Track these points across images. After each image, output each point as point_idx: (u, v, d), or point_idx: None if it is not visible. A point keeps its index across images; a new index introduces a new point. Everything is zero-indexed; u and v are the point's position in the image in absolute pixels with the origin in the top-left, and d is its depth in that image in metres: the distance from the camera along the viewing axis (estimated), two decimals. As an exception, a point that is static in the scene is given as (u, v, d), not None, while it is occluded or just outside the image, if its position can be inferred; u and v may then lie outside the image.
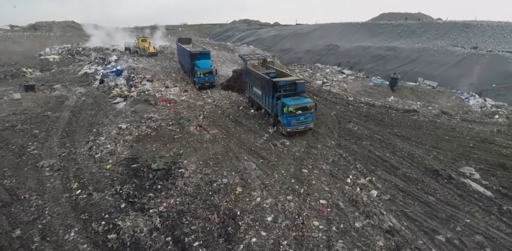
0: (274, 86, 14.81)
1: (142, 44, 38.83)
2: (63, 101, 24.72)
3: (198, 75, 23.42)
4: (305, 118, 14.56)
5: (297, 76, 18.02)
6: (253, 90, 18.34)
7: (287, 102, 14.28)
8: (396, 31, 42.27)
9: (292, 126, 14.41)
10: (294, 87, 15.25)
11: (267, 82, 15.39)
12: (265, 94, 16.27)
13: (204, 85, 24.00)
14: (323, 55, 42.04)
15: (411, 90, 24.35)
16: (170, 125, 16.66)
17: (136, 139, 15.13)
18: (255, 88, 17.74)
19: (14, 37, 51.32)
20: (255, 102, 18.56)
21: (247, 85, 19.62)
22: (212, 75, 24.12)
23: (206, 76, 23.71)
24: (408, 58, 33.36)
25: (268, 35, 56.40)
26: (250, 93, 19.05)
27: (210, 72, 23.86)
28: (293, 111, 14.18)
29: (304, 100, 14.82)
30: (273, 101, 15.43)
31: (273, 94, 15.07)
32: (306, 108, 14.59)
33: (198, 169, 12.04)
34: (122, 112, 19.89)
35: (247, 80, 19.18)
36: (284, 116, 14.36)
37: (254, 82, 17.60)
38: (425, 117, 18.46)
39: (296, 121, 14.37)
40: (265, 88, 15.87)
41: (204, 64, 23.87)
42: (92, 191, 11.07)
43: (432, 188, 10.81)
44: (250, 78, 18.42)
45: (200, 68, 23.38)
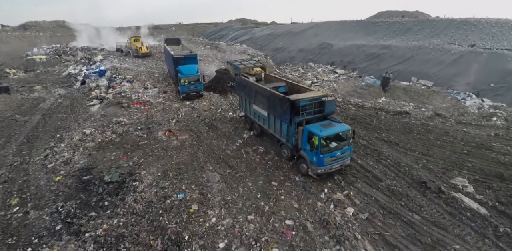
0: (293, 108, 10.28)
1: (134, 44, 36.43)
2: (38, 103, 23.33)
3: (182, 83, 19.24)
4: (342, 153, 10.19)
5: (320, 92, 11.99)
6: (252, 109, 13.78)
7: (316, 131, 9.80)
8: (391, 29, 40.71)
9: (325, 166, 10.04)
10: (321, 107, 10.72)
11: (280, 101, 10.84)
12: (275, 117, 11.91)
13: (189, 95, 19.81)
14: (316, 54, 40.55)
15: (404, 90, 22.82)
16: (138, 130, 15.22)
17: (98, 146, 13.70)
18: (256, 107, 13.17)
19: (2, 37, 50.05)
20: (256, 125, 14.05)
21: (241, 100, 15.12)
22: (198, 83, 19.84)
23: (192, 84, 19.57)
24: (403, 56, 31.86)
25: (262, 34, 54.90)
26: (248, 112, 14.40)
27: (196, 80, 19.67)
28: (326, 144, 9.93)
29: (339, 127, 10.39)
30: (290, 128, 10.94)
31: (290, 118, 10.52)
32: (343, 138, 10.40)
33: (155, 182, 10.60)
34: (94, 115, 18.48)
35: (242, 94, 14.69)
36: (312, 152, 9.94)
37: (255, 98, 13.02)
38: (417, 120, 16.94)
39: (330, 159, 9.99)
40: (276, 109, 11.39)
41: (189, 70, 19.74)
42: (30, 209, 9.64)
43: (418, 205, 9.32)
44: (247, 92, 13.81)
45: (184, 75, 19.28)
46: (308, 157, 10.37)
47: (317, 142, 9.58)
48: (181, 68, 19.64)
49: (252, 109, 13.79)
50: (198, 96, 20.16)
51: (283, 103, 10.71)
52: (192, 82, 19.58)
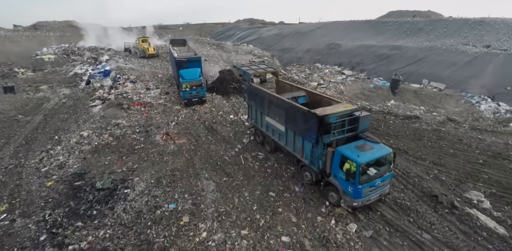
0: (322, 125, 8.47)
1: (142, 45, 36.11)
2: (42, 103, 23.26)
3: (184, 89, 17.96)
4: (382, 181, 8.46)
5: (350, 104, 10.36)
6: (264, 121, 12.05)
7: (353, 156, 7.98)
8: (402, 29, 39.38)
9: (363, 198, 8.26)
10: (354, 124, 8.83)
11: (304, 117, 9.13)
12: (295, 134, 10.15)
13: (191, 101, 18.48)
14: (324, 54, 39.58)
15: (414, 93, 21.76)
16: (136, 133, 14.77)
17: (93, 150, 13.29)
18: (271, 120, 11.46)
19: (13, 37, 50.79)
20: (269, 140, 12.34)
21: (250, 110, 13.43)
22: (201, 88, 18.42)
23: (194, 90, 18.19)
24: (414, 57, 30.64)
25: (269, 34, 54.14)
26: (259, 124, 12.66)
27: (198, 85, 18.26)
28: (365, 171, 7.97)
29: (379, 149, 8.47)
30: (316, 149, 9.09)
31: (317, 137, 8.70)
32: (383, 163, 8.54)
33: (147, 190, 10.07)
34: (94, 117, 18.17)
35: (252, 104, 12.97)
36: (349, 182, 8.14)
37: (269, 109, 11.31)
38: (428, 125, 15.97)
39: (369, 189, 8.23)
40: (298, 125, 9.74)
41: (191, 74, 18.38)
42: (17, 217, 9.24)
43: (428, 222, 8.50)
44: (259, 102, 12.08)
45: (186, 80, 17.96)
46: (340, 186, 8.56)
47: (355, 170, 7.79)
48: (182, 73, 18.36)
49: (265, 121, 11.96)
50: (200, 102, 18.78)
51: (308, 119, 8.87)
52: (195, 87, 18.19)
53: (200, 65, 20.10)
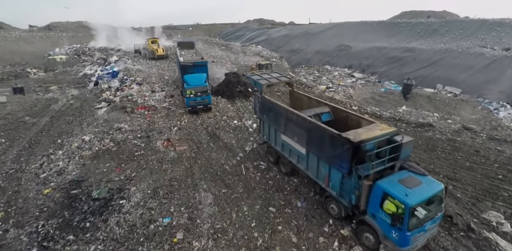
0: (356, 153, 7.08)
1: (152, 46, 35.99)
2: (50, 104, 23.37)
3: (188, 95, 16.96)
4: (432, 224, 7.03)
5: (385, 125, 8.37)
6: (279, 139, 10.65)
7: (400, 195, 6.47)
8: (415, 30, 37.96)
9: (411, 245, 6.79)
10: (395, 152, 7.27)
11: (333, 141, 7.66)
12: (321, 160, 8.59)
13: (196, 109, 17.45)
14: (334, 56, 38.58)
15: (428, 99, 20.71)
16: (137, 138, 14.47)
17: (93, 156, 13.03)
18: (288, 139, 10.04)
19: (28, 37, 51.83)
20: (286, 161, 10.82)
21: (262, 124, 11.95)
22: (206, 95, 17.36)
23: (199, 96, 17.11)
24: (427, 60, 29.35)
25: (278, 35, 53.39)
26: (273, 142, 11.23)
27: (204, 91, 17.25)
28: (413, 213, 6.43)
29: (429, 185, 6.89)
30: (348, 181, 7.60)
31: (350, 167, 7.25)
32: (434, 202, 6.95)
33: (143, 201, 9.68)
34: (97, 120, 18.02)
35: (264, 118, 11.48)
36: (395, 228, 6.61)
37: (286, 127, 9.89)
38: (442, 134, 15.05)
39: (418, 235, 6.77)
40: (324, 150, 8.21)
41: (196, 80, 17.44)
42: (10, 226, 9.00)
43: (441, 246, 7.76)
44: (273, 117, 10.62)
45: (190, 86, 16.97)
46: (381, 229, 7.03)
47: (403, 213, 6.31)
48: (187, 78, 17.47)
49: (280, 139, 10.54)
50: (206, 110, 17.77)
51: (338, 144, 7.42)
52: (199, 94, 17.16)
53: (206, 70, 19.29)
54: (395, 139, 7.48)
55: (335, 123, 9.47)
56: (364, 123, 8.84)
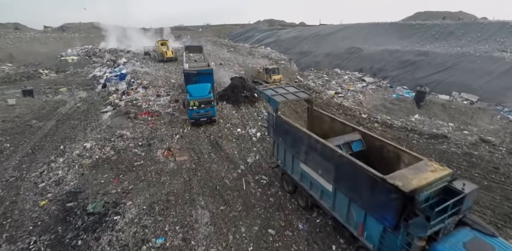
0: (407, 206, 5.54)
1: (161, 48, 35.43)
2: (58, 107, 23.50)
3: (191, 107, 15.62)
4: None
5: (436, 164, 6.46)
6: (298, 168, 9.04)
7: None
8: (430, 32, 36.47)
9: None
10: (458, 205, 5.70)
11: (374, 185, 6.08)
12: (353, 202, 6.95)
13: (199, 121, 16.05)
14: (344, 59, 37.55)
15: (442, 107, 19.63)
16: (138, 147, 14.14)
17: (93, 165, 12.77)
18: (308, 169, 8.44)
19: (41, 38, 52.79)
20: (306, 194, 9.17)
21: (277, 146, 10.43)
22: (211, 106, 15.93)
23: (202, 108, 15.79)
24: (442, 65, 28.05)
25: (288, 37, 52.55)
26: (289, 168, 9.69)
27: (208, 102, 15.87)
28: None
29: None
30: (392, 237, 6.01)
31: (396, 222, 5.71)
32: None
33: (138, 218, 9.27)
34: (101, 125, 17.85)
35: (279, 141, 9.95)
36: None
37: (307, 156, 8.31)
38: (458, 147, 14.11)
39: None
40: (359, 193, 6.63)
41: (200, 90, 16.21)
42: (3, 242, 8.76)
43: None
44: (291, 142, 9.07)
45: (193, 97, 15.76)
46: None
47: None
48: (190, 89, 16.36)
49: (299, 168, 8.88)
50: (211, 122, 16.50)
51: (382, 191, 5.83)
52: (203, 105, 15.75)
53: (211, 78, 18.39)
54: (455, 186, 5.80)
55: (367, 153, 8.09)
56: (406, 157, 7.15)
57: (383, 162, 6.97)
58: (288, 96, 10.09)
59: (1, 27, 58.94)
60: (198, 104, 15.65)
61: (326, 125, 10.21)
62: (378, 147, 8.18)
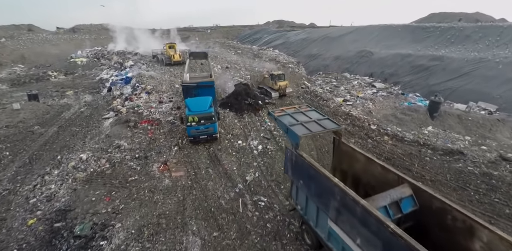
0: None
1: (169, 51, 34.82)
2: (62, 111, 23.36)
3: (189, 123, 14.10)
4: None
5: None
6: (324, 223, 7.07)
7: None
8: (445, 36, 34.75)
9: None
10: None
11: None
12: None
13: (199, 139, 14.51)
14: (354, 63, 36.28)
15: (458, 118, 18.34)
16: (135, 159, 13.58)
17: (86, 179, 12.27)
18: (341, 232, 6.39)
19: (53, 39, 53.40)
20: None
21: (296, 189, 8.45)
22: (211, 122, 14.30)
23: (202, 124, 14.13)
24: (458, 71, 26.55)
25: (297, 39, 51.44)
26: (312, 220, 7.76)
27: (208, 117, 14.25)
28: None
29: None
30: None
31: None
32: None
33: (125, 244, 8.65)
34: (101, 134, 17.44)
35: (300, 185, 8.05)
36: None
37: (338, 214, 6.42)
38: (475, 166, 12.93)
39: None
40: None
41: (200, 105, 14.58)
42: (-17, 266, 8.30)
43: None
44: (316, 191, 7.24)
45: (192, 111, 14.24)
46: None
47: None
48: (189, 103, 14.92)
49: (326, 225, 6.87)
50: (212, 140, 14.94)
51: None
52: (203, 121, 14.13)
53: (213, 91, 17.17)
54: None
55: (419, 214, 6.32)
56: (484, 234, 5.29)
57: (445, 232, 5.46)
58: (311, 126, 7.87)
59: (15, 28, 60.04)
60: (197, 119, 14.06)
61: (359, 164, 8.12)
62: (437, 210, 6.13)
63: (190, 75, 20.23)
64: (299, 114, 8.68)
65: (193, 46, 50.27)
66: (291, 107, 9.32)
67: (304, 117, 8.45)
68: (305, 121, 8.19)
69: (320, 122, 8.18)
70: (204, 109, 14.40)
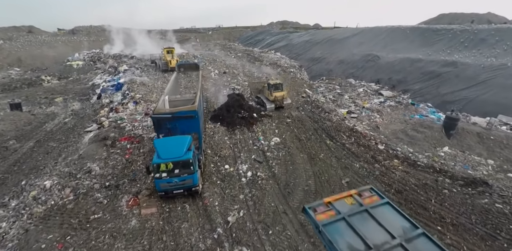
0: None
1: (166, 56, 31.71)
2: (45, 122, 21.74)
3: (158, 174, 10.17)
4: None
5: None
6: None
7: None
8: (458, 39, 32.11)
9: None
10: None
11: None
12: None
13: (172, 194, 10.60)
14: (359, 67, 33.91)
15: (478, 137, 16.01)
16: (103, 189, 11.65)
17: (45, 215, 10.38)
18: None
19: (51, 42, 52.04)
20: None
21: None
22: (190, 173, 10.29)
23: (176, 176, 10.20)
24: (474, 78, 24.04)
25: (299, 41, 49.10)
26: None
27: (185, 165, 10.30)
28: None
29: None
30: None
31: None
32: None
33: None
34: (76, 152, 15.60)
35: None
36: None
37: None
38: (505, 202, 10.68)
39: None
40: None
41: (173, 147, 10.49)
42: None
43: None
44: None
45: (162, 158, 10.21)
46: None
47: None
48: (158, 145, 10.59)
49: None
50: (190, 195, 10.82)
51: None
52: (178, 171, 10.19)
53: (195, 124, 11.96)
54: None
55: None
56: None
57: None
58: None
59: (15, 30, 58.90)
60: (171, 167, 10.17)
61: None
62: None
63: (170, 98, 15.25)
64: (362, 216, 4.77)
65: (192, 48, 48.32)
66: (344, 194, 5.22)
67: (375, 228, 4.56)
68: (380, 243, 4.26)
69: (411, 245, 4.24)
70: (179, 154, 10.23)
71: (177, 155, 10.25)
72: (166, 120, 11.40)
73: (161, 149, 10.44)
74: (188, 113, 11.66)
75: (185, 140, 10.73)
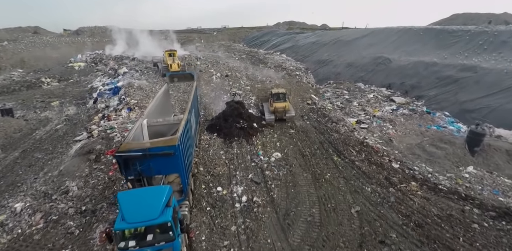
0: None
1: (167, 60, 29.69)
2: (36, 129, 20.62)
3: (122, 243, 6.68)
4: None
5: None
6: None
7: None
8: (476, 41, 29.77)
9: None
10: None
11: None
12: None
13: None
14: (369, 71, 31.88)
15: (507, 155, 13.99)
16: (77, 215, 10.19)
17: (8, 247, 8.97)
18: None
19: (55, 43, 51.39)
20: None
21: None
22: (169, 240, 6.86)
23: (147, 245, 6.75)
24: (496, 85, 21.84)
25: (306, 42, 47.16)
26: None
27: (162, 230, 6.92)
28: None
29: None
30: None
31: None
32: None
33: None
34: (59, 165, 14.25)
35: None
36: None
37: None
38: (549, 242, 8.78)
39: None
40: None
41: (142, 205, 6.96)
42: None
43: None
44: None
45: (128, 223, 6.67)
46: None
47: None
48: (122, 201, 7.02)
49: None
50: None
51: None
52: (151, 238, 6.87)
53: (176, 162, 8.49)
54: None
55: None
56: None
57: None
58: None
59: (20, 31, 58.61)
60: (139, 237, 6.86)
61: None
62: None
63: (150, 122, 11.17)
64: None
65: (196, 50, 46.90)
66: None
67: None
68: None
69: None
70: (153, 216, 6.83)
71: (149, 217, 6.78)
72: (135, 160, 7.92)
73: (127, 208, 6.84)
74: (165, 149, 8.08)
75: (162, 193, 7.26)
